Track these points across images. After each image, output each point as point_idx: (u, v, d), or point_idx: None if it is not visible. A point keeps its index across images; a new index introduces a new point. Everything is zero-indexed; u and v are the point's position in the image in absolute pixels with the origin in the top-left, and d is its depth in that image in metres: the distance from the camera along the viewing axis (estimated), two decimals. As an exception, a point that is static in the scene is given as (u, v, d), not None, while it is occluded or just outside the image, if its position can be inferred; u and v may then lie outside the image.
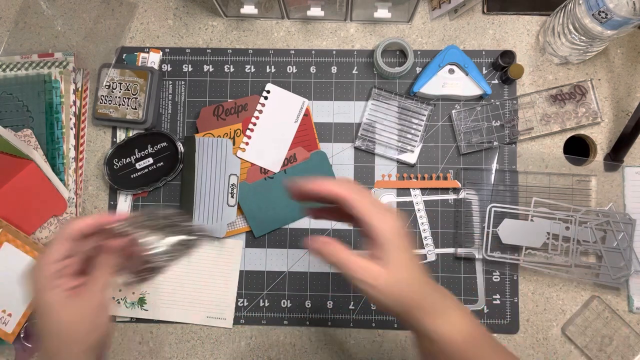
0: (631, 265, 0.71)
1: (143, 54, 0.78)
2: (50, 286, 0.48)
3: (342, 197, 0.47)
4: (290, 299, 0.75)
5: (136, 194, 0.76)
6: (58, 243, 0.49)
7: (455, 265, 0.75)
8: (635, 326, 0.72)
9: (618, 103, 0.76)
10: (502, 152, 0.75)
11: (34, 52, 0.78)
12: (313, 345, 0.74)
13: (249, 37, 0.79)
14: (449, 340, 0.47)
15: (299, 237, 0.76)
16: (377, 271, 0.46)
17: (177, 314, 0.74)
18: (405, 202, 0.75)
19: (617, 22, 0.64)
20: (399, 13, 0.76)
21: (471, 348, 0.48)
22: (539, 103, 0.75)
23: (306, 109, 0.77)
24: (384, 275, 0.46)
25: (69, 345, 0.48)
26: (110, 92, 0.76)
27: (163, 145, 0.76)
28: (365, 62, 0.78)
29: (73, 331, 0.48)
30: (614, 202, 0.73)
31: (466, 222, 0.74)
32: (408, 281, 0.47)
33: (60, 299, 0.48)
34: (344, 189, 0.48)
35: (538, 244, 0.71)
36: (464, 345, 0.47)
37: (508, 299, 0.74)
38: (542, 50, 0.77)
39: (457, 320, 0.48)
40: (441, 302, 0.48)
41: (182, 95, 0.78)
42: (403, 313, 0.47)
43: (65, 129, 0.76)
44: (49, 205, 0.73)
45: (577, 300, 0.73)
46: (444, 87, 0.75)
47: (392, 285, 0.46)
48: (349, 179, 0.49)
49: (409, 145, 0.76)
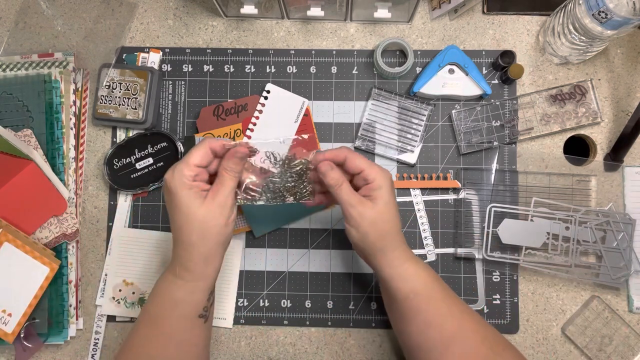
0: (631, 265, 0.71)
1: (143, 54, 0.78)
2: (189, 185, 0.56)
3: (344, 155, 0.59)
4: (290, 299, 0.75)
5: (136, 194, 0.76)
6: (200, 150, 0.57)
7: (455, 265, 0.75)
8: (635, 326, 0.72)
9: (618, 103, 0.76)
10: (502, 152, 0.75)
11: (34, 52, 0.78)
12: (313, 345, 0.74)
13: (249, 37, 0.79)
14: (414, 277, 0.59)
15: (299, 237, 0.76)
16: (369, 204, 0.57)
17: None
18: (405, 202, 0.75)
19: (617, 22, 0.64)
20: (399, 13, 0.76)
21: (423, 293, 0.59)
22: (539, 103, 0.75)
23: (306, 109, 0.77)
24: (373, 208, 0.57)
25: (205, 238, 0.56)
26: (110, 92, 0.76)
27: (163, 145, 0.76)
28: (365, 62, 0.78)
29: (210, 225, 0.56)
30: (614, 202, 0.73)
31: (466, 222, 0.74)
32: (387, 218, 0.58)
33: (199, 197, 0.56)
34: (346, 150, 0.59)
35: (538, 244, 0.71)
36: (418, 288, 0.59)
37: (508, 299, 0.74)
38: (542, 50, 0.77)
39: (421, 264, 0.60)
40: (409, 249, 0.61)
41: (182, 95, 0.78)
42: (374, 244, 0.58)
43: (65, 129, 0.76)
44: (49, 205, 0.73)
45: (577, 300, 0.73)
46: (444, 87, 0.75)
47: (376, 218, 0.57)
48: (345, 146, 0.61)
49: (409, 145, 0.76)
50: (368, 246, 0.59)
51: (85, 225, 0.76)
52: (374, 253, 0.59)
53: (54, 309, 0.73)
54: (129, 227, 0.76)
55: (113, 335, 0.75)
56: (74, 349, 0.74)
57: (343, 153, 0.59)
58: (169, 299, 0.58)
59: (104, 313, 0.74)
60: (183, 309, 0.58)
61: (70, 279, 0.74)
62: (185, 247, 0.57)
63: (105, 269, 0.75)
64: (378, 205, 0.57)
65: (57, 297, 0.73)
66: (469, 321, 0.59)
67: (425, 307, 0.58)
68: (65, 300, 0.73)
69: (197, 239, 0.56)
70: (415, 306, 0.58)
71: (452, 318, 0.58)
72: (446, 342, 0.57)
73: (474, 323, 0.59)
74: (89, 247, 0.76)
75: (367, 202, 0.58)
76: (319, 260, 0.75)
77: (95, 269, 0.76)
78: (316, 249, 0.76)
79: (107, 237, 0.76)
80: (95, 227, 0.76)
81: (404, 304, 0.59)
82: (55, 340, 0.73)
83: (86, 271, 0.76)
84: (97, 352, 0.74)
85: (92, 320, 0.75)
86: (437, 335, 0.58)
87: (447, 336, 0.58)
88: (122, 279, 0.75)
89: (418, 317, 0.59)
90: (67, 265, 0.74)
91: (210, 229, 0.56)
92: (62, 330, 0.73)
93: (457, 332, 0.58)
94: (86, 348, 0.74)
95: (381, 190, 0.57)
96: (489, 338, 0.59)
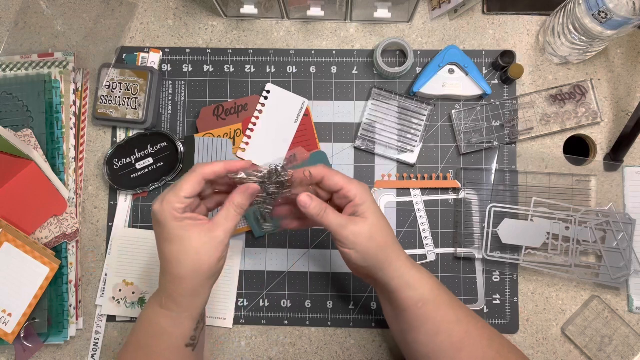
0: (631, 265, 0.71)
1: (143, 54, 0.78)
2: (180, 217, 0.53)
3: (322, 174, 0.57)
4: (290, 299, 0.75)
5: (136, 194, 0.76)
6: (191, 180, 0.54)
7: (455, 265, 0.75)
8: (635, 326, 0.72)
9: (618, 103, 0.76)
10: (502, 152, 0.75)
11: (34, 52, 0.78)
12: (313, 345, 0.74)
13: (249, 37, 0.79)
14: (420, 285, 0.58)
15: (299, 237, 0.76)
16: (361, 221, 0.56)
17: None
18: (405, 202, 0.75)
19: (617, 22, 0.64)
20: (399, 13, 0.76)
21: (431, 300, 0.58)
22: (539, 103, 0.75)
23: (306, 109, 0.77)
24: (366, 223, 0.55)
25: (196, 272, 0.53)
26: (110, 92, 0.76)
27: (163, 145, 0.76)
28: (365, 62, 0.78)
29: (203, 261, 0.53)
30: (614, 202, 0.73)
31: (466, 222, 0.74)
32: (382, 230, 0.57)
33: (191, 229, 0.53)
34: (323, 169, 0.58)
35: (538, 244, 0.71)
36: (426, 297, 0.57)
37: (508, 298, 0.74)
38: (542, 50, 0.77)
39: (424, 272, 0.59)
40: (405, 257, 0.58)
41: (182, 95, 0.78)
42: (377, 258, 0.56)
43: (65, 129, 0.76)
44: (49, 205, 0.73)
45: (577, 300, 0.73)
46: (444, 87, 0.75)
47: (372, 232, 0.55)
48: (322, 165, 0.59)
49: (409, 145, 0.76)
50: (371, 263, 0.57)
51: (85, 225, 0.76)
52: (379, 266, 0.57)
53: (54, 309, 0.73)
54: (129, 227, 0.76)
55: (113, 335, 0.75)
56: (74, 349, 0.74)
57: (320, 172, 0.57)
58: (156, 328, 0.56)
59: (104, 313, 0.74)
60: (169, 339, 0.56)
61: (70, 279, 0.74)
62: (173, 279, 0.54)
63: (105, 269, 0.75)
64: (370, 219, 0.56)
65: (57, 297, 0.73)
66: (475, 325, 0.58)
67: (433, 315, 0.57)
68: (65, 300, 0.73)
69: (187, 272, 0.53)
70: (424, 314, 0.57)
71: (460, 324, 0.58)
72: (455, 348, 0.57)
73: (480, 327, 0.59)
74: (89, 247, 0.76)
75: (357, 219, 0.56)
76: (319, 260, 0.75)
77: (95, 269, 0.76)
78: (316, 249, 0.76)
79: (107, 237, 0.76)
80: (95, 227, 0.76)
81: (412, 313, 0.58)
82: (55, 340, 0.73)
83: (86, 271, 0.76)
84: (97, 352, 0.74)
85: (92, 320, 0.75)
86: (447, 342, 0.57)
87: (456, 342, 0.57)
88: (122, 279, 0.75)
89: (427, 324, 0.57)
90: (67, 265, 0.74)
91: (203, 264, 0.53)
92: (62, 330, 0.73)
93: (465, 338, 0.57)
94: (86, 348, 0.74)
95: (367, 204, 0.56)
96: (495, 341, 0.59)
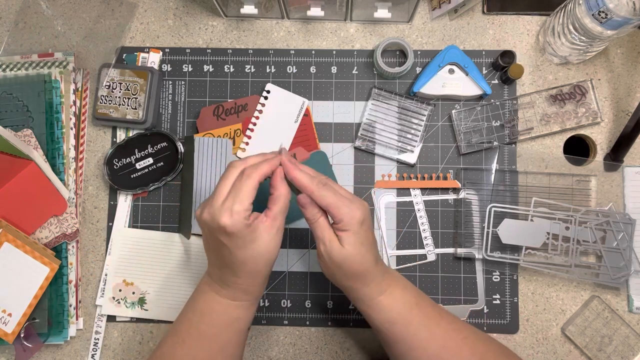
0: (631, 265, 0.71)
1: (143, 54, 0.78)
2: (250, 222, 0.54)
3: (308, 192, 0.56)
4: (290, 299, 0.75)
5: (136, 194, 0.76)
6: (250, 185, 0.54)
7: (455, 265, 0.75)
8: (635, 326, 0.72)
9: (618, 103, 0.76)
10: (502, 152, 0.75)
11: (34, 52, 0.78)
12: (313, 345, 0.74)
13: (249, 37, 0.79)
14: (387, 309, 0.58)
15: (299, 237, 0.76)
16: (337, 246, 0.56)
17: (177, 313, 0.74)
18: (405, 202, 0.75)
19: (617, 22, 0.64)
20: (399, 13, 0.76)
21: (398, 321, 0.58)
22: (539, 103, 0.75)
23: (306, 109, 0.77)
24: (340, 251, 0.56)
25: (269, 263, 0.57)
26: (110, 92, 0.76)
27: (163, 145, 0.76)
28: (365, 62, 0.78)
29: (272, 251, 0.56)
30: (614, 202, 0.73)
31: (466, 222, 0.74)
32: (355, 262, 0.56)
33: (260, 229, 0.55)
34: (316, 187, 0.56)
35: (538, 244, 0.71)
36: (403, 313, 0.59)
37: (508, 299, 0.74)
38: (542, 50, 0.77)
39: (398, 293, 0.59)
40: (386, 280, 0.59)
41: (182, 95, 0.78)
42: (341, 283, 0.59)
43: (65, 129, 0.76)
44: (49, 205, 0.73)
45: (577, 300, 0.73)
46: (444, 87, 0.75)
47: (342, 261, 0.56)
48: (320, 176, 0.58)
49: (409, 145, 0.76)
50: (336, 283, 0.60)
51: (85, 225, 0.76)
52: (347, 289, 0.59)
53: (54, 309, 0.73)
54: (129, 227, 0.76)
55: (113, 335, 0.75)
56: (74, 349, 0.74)
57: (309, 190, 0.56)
58: (225, 319, 0.59)
59: (104, 313, 0.74)
60: (239, 325, 0.60)
61: (70, 279, 0.74)
62: (248, 276, 0.57)
63: (105, 269, 0.75)
64: (345, 248, 0.55)
65: (57, 297, 0.73)
66: (454, 339, 0.59)
67: (403, 335, 0.59)
68: (65, 300, 0.73)
69: (262, 267, 0.57)
70: (392, 335, 0.59)
71: (435, 340, 0.59)
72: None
73: (460, 341, 0.59)
74: (89, 247, 0.76)
75: (335, 243, 0.56)
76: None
77: (95, 269, 0.76)
78: (316, 248, 0.75)
79: (107, 237, 0.76)
80: (95, 227, 0.76)
81: (382, 332, 0.60)
82: (55, 340, 0.73)
83: (86, 271, 0.76)
84: (97, 352, 0.74)
85: (92, 320, 0.75)
86: (423, 356, 0.58)
87: (432, 356, 0.58)
88: (122, 279, 0.75)
89: (399, 343, 0.59)
90: (67, 265, 0.74)
91: (273, 255, 0.57)
92: (62, 330, 0.73)
93: (441, 353, 0.58)
94: (86, 348, 0.74)
95: (349, 232, 0.55)
96: (479, 354, 0.59)
